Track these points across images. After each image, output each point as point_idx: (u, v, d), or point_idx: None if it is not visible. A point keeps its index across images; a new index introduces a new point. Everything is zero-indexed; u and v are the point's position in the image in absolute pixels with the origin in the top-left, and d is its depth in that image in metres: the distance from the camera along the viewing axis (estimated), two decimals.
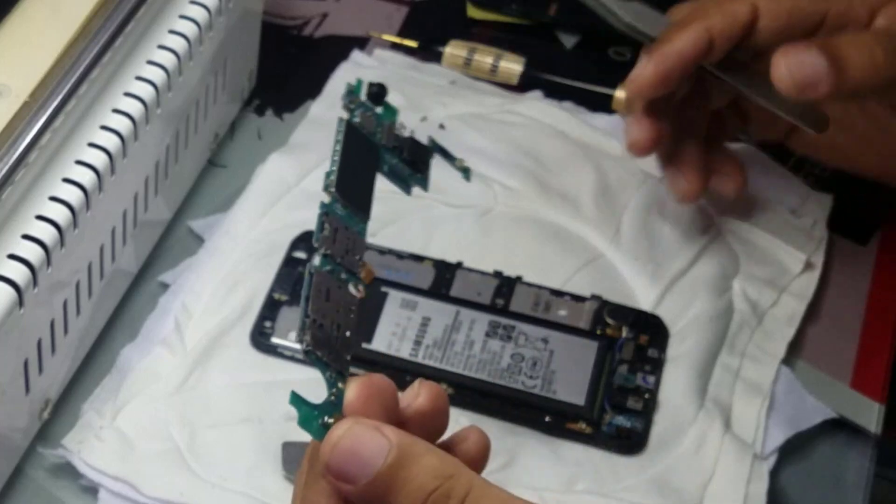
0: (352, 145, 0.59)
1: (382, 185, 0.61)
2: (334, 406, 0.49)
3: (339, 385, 0.50)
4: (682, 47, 0.62)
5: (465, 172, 0.65)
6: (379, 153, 0.61)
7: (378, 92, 0.61)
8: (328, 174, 0.57)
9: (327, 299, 0.52)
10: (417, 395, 0.49)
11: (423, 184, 0.63)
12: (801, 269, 0.76)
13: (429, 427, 0.49)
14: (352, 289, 0.55)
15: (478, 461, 0.50)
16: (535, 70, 0.87)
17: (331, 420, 0.48)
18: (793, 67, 0.59)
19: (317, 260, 0.54)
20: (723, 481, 0.66)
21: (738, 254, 0.77)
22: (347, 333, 0.52)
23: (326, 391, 0.50)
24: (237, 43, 0.80)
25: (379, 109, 0.62)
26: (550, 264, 0.76)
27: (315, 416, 0.48)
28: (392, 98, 0.86)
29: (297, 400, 0.49)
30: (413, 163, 0.62)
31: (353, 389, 0.47)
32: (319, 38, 0.91)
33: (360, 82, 0.62)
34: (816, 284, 0.76)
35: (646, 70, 0.63)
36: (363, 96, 0.61)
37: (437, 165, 0.76)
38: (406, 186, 0.62)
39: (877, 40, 0.60)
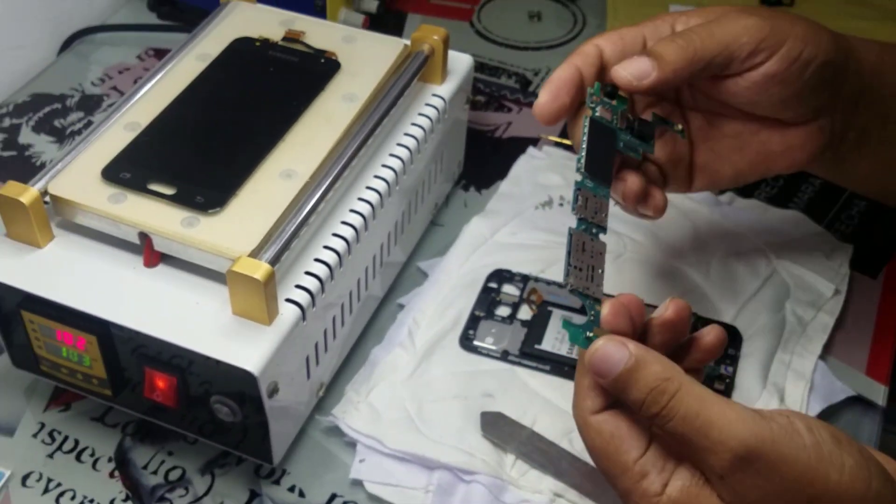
0: (594, 135, 0.58)
1: (549, 238, 0.64)
2: (593, 323, 0.51)
3: (596, 308, 0.52)
4: (559, 75, 0.60)
5: (681, 132, 0.63)
6: (616, 135, 0.60)
7: (612, 90, 0.60)
8: (578, 159, 0.57)
9: (583, 250, 0.54)
10: (667, 309, 0.52)
11: (650, 149, 0.61)
12: (832, 295, 0.76)
13: (673, 331, 0.52)
14: (602, 237, 0.56)
15: (712, 350, 0.53)
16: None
17: (591, 334, 0.50)
18: (629, 68, 0.58)
19: (575, 223, 0.55)
20: None
21: (790, 284, 0.77)
22: (599, 271, 0.54)
23: (587, 315, 0.52)
24: (450, 141, 0.81)
25: (614, 102, 0.60)
26: (662, 292, 0.76)
27: (581, 333, 0.51)
28: (552, 178, 0.86)
29: (567, 324, 0.51)
30: (642, 135, 0.61)
31: (607, 308, 0.51)
32: (506, 138, 0.92)
33: (597, 85, 0.60)
34: (842, 305, 0.76)
35: (541, 96, 0.60)
36: (601, 95, 0.60)
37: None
38: (638, 153, 0.61)
39: (678, 37, 0.58)
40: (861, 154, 0.66)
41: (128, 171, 0.64)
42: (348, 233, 0.66)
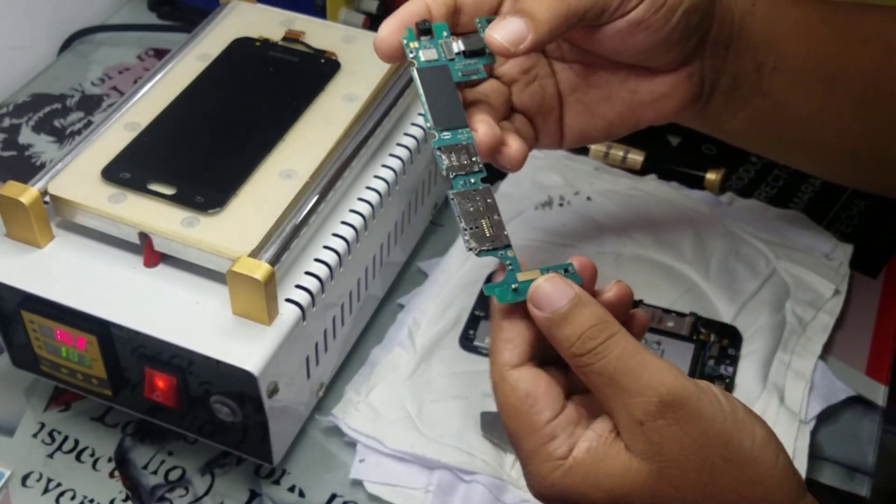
0: (428, 83, 0.54)
1: (549, 238, 0.64)
2: (513, 272, 0.49)
3: (509, 254, 0.50)
4: (407, 9, 0.55)
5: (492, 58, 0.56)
6: (449, 69, 0.55)
7: (424, 27, 0.55)
8: (425, 118, 0.53)
9: (471, 208, 0.51)
10: (610, 291, 0.50)
11: (490, 59, 0.56)
12: (832, 295, 0.76)
13: (613, 313, 0.49)
14: (481, 184, 0.52)
15: (617, 305, 0.50)
16: (651, 160, 0.88)
17: (516, 286, 0.48)
18: (502, 32, 0.53)
19: (452, 185, 0.52)
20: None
21: (789, 284, 0.77)
22: (496, 217, 0.51)
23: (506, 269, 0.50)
24: None
25: (429, 39, 0.55)
26: (662, 291, 0.76)
27: (506, 288, 0.49)
28: (552, 179, 0.85)
29: (490, 288, 0.49)
30: (474, 52, 0.56)
31: (577, 261, 0.50)
32: None
33: (409, 30, 0.55)
34: (842, 305, 0.76)
35: (381, 29, 0.55)
36: (415, 40, 0.55)
37: (588, 236, 0.80)
38: (480, 72, 0.56)
39: None
40: (735, 105, 0.64)
41: (128, 171, 0.64)
42: (348, 233, 0.66)
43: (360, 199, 0.68)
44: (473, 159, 0.53)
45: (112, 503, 0.65)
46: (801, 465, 0.66)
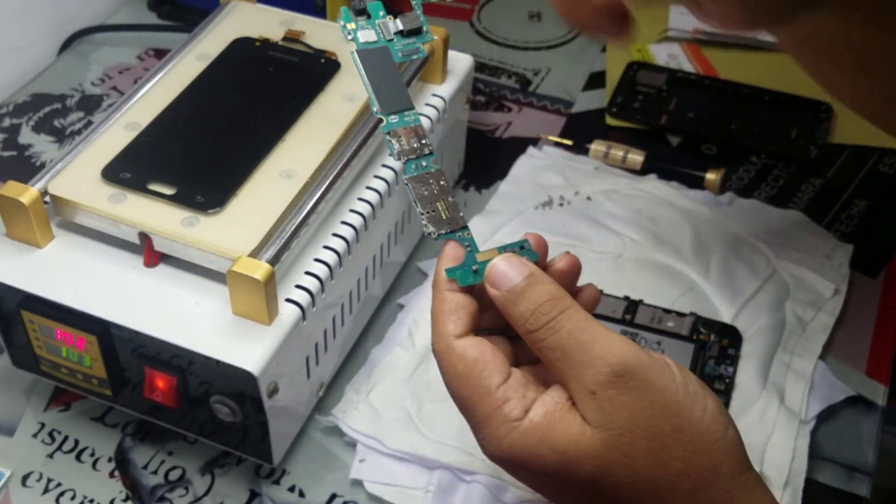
0: (369, 65, 0.53)
1: (549, 238, 0.63)
2: (471, 255, 0.50)
3: (466, 235, 0.51)
4: None
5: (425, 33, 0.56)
6: (390, 50, 0.54)
7: (359, 6, 0.55)
8: (371, 103, 0.52)
9: (426, 191, 0.51)
10: (560, 261, 0.52)
11: (429, 38, 0.56)
12: (832, 295, 0.76)
13: (562, 282, 0.50)
14: (433, 167, 0.52)
15: (567, 275, 0.52)
16: (651, 160, 0.88)
17: (476, 267, 0.49)
18: None
19: (405, 169, 0.52)
20: (779, 438, 0.67)
21: (789, 284, 0.77)
22: (450, 199, 0.51)
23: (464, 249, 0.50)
24: (450, 142, 0.81)
25: (365, 20, 0.55)
26: (662, 291, 0.76)
27: (467, 270, 0.50)
28: (553, 179, 0.86)
29: (451, 272, 0.49)
30: (411, 32, 0.56)
31: (533, 240, 0.51)
32: (506, 138, 0.92)
33: (345, 11, 0.54)
34: (842, 305, 0.76)
35: None
36: (352, 21, 0.54)
37: (583, 226, 0.80)
38: (421, 52, 0.55)
39: None
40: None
41: (128, 170, 0.64)
42: (348, 233, 0.66)
43: (360, 199, 0.68)
44: (423, 142, 0.53)
45: (112, 503, 0.65)
46: (801, 465, 0.66)
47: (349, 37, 0.54)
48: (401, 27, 0.55)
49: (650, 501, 0.47)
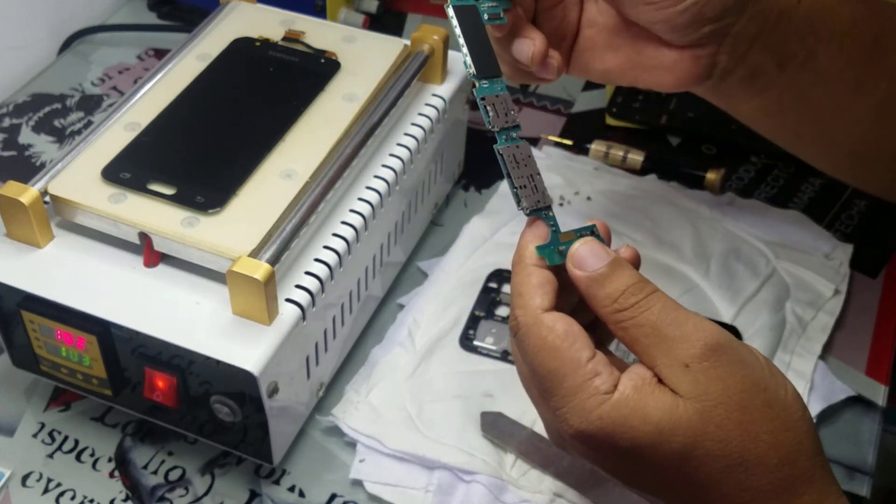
0: (465, 23, 0.52)
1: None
2: (555, 235, 0.50)
3: (550, 214, 0.51)
4: None
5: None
6: (478, 10, 0.53)
7: None
8: (466, 64, 0.51)
9: (517, 164, 0.51)
10: (624, 252, 0.52)
11: (508, 4, 0.56)
12: (832, 295, 0.76)
13: None
14: (519, 139, 0.51)
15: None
16: (651, 160, 0.88)
17: (562, 248, 0.50)
18: None
19: (498, 139, 0.51)
20: None
21: (789, 284, 0.77)
22: (538, 176, 0.51)
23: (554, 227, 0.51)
24: (450, 142, 0.81)
25: None
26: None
27: (553, 252, 0.50)
28: (552, 178, 0.85)
29: (541, 249, 0.50)
30: None
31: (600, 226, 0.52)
32: None
33: None
34: (842, 305, 0.76)
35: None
36: None
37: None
38: (502, 18, 0.55)
39: None
40: (751, 92, 0.64)
41: (128, 171, 0.64)
42: (348, 233, 0.66)
43: (361, 199, 0.68)
44: (511, 113, 0.52)
45: (112, 503, 0.65)
46: None
47: None
48: None
49: (738, 476, 0.47)
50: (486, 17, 0.54)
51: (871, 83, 0.64)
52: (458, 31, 0.52)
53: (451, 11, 0.53)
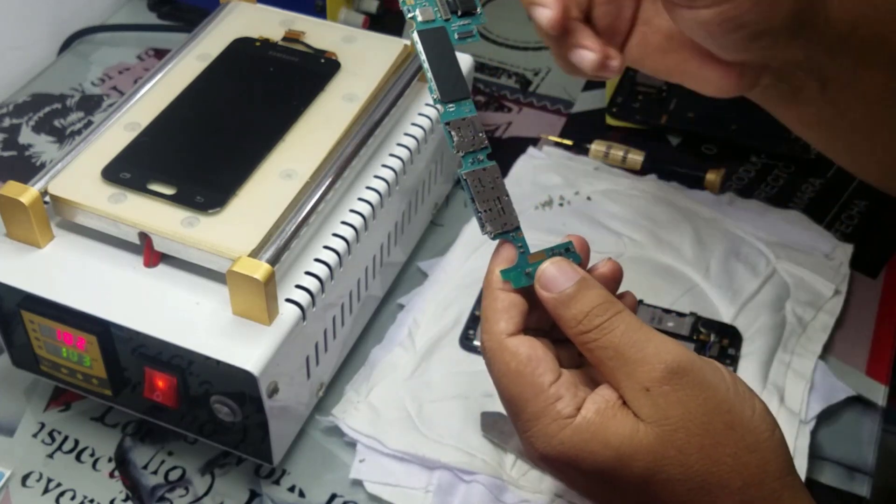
0: (430, 47, 0.52)
1: (549, 238, 0.63)
2: (524, 256, 0.50)
3: (519, 235, 0.50)
4: None
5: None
6: (447, 32, 0.52)
7: None
8: (430, 90, 0.50)
9: (482, 187, 0.50)
10: (603, 266, 0.52)
11: (483, 20, 0.54)
12: (832, 295, 0.76)
13: (605, 287, 0.51)
14: (488, 162, 0.51)
15: (610, 280, 0.52)
16: (651, 160, 0.88)
17: (528, 270, 0.50)
18: None
19: (463, 164, 0.50)
20: None
21: (789, 284, 0.77)
22: (505, 198, 0.50)
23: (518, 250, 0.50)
24: None
25: None
26: (662, 291, 0.76)
27: (520, 273, 0.50)
28: (553, 179, 0.86)
29: (506, 273, 0.49)
30: (466, 13, 0.54)
31: (577, 241, 0.52)
32: (506, 138, 0.93)
33: None
34: (842, 305, 0.76)
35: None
36: None
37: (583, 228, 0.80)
38: (475, 35, 0.54)
39: None
40: (790, 103, 0.64)
41: (128, 171, 0.64)
42: (348, 233, 0.66)
43: (360, 199, 0.68)
44: (480, 135, 0.51)
45: (112, 503, 0.65)
46: (802, 465, 0.66)
47: (409, 14, 0.53)
48: (456, 8, 0.54)
49: (702, 499, 0.47)
50: (455, 36, 0.53)
51: None
52: (422, 56, 0.52)
53: (415, 36, 0.52)
